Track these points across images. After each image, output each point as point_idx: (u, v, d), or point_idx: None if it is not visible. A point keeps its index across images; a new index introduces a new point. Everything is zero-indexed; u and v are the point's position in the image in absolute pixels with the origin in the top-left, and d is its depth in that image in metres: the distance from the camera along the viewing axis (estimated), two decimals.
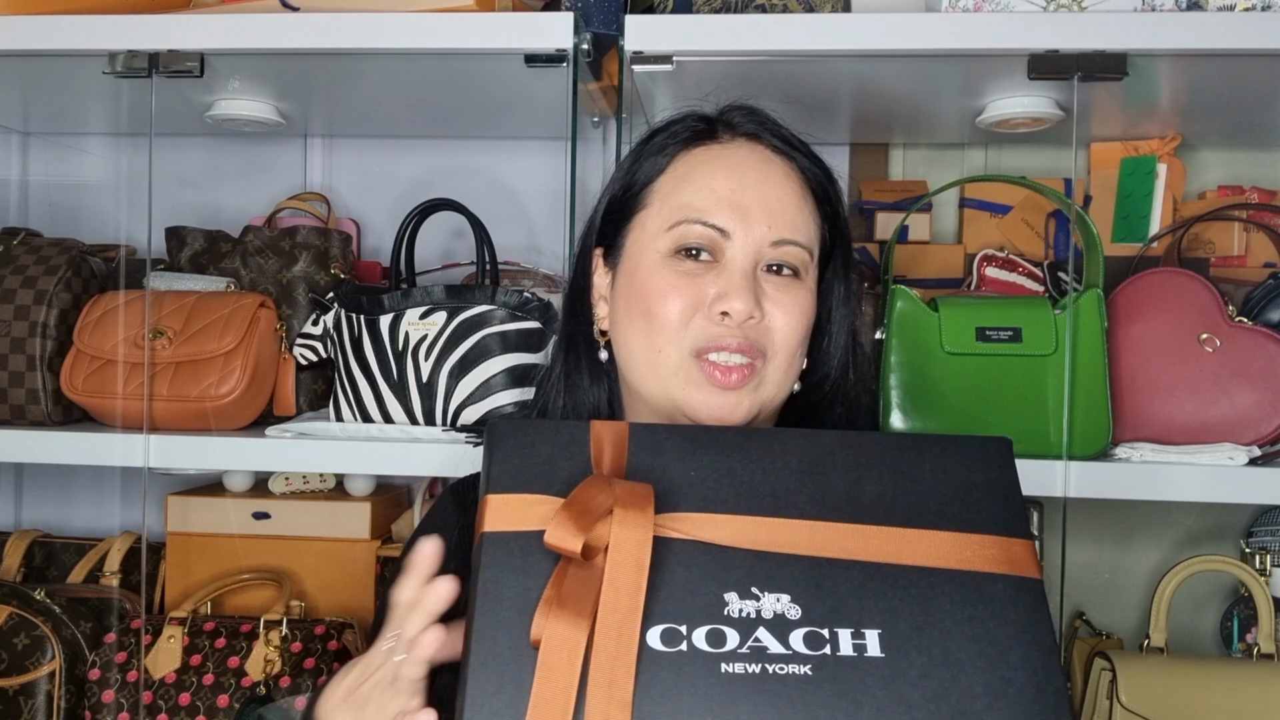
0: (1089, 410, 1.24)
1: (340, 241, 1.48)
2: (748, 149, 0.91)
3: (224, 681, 1.35)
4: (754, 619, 0.67)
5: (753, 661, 0.65)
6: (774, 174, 0.90)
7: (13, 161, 1.85)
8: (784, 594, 0.68)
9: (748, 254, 0.87)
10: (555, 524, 0.66)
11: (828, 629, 0.67)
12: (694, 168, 0.90)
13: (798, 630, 0.66)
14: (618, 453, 0.73)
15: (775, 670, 0.64)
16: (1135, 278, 1.32)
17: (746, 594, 0.68)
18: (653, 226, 0.90)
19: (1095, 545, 1.62)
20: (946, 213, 1.67)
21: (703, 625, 0.66)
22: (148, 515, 1.42)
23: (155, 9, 1.31)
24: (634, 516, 0.67)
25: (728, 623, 0.66)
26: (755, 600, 0.67)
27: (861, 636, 0.66)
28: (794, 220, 0.88)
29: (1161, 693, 1.22)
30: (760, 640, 0.66)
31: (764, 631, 0.66)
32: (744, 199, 0.87)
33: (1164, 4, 1.20)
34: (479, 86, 1.43)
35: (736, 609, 0.67)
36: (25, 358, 1.37)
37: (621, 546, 0.66)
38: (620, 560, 0.66)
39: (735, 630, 0.66)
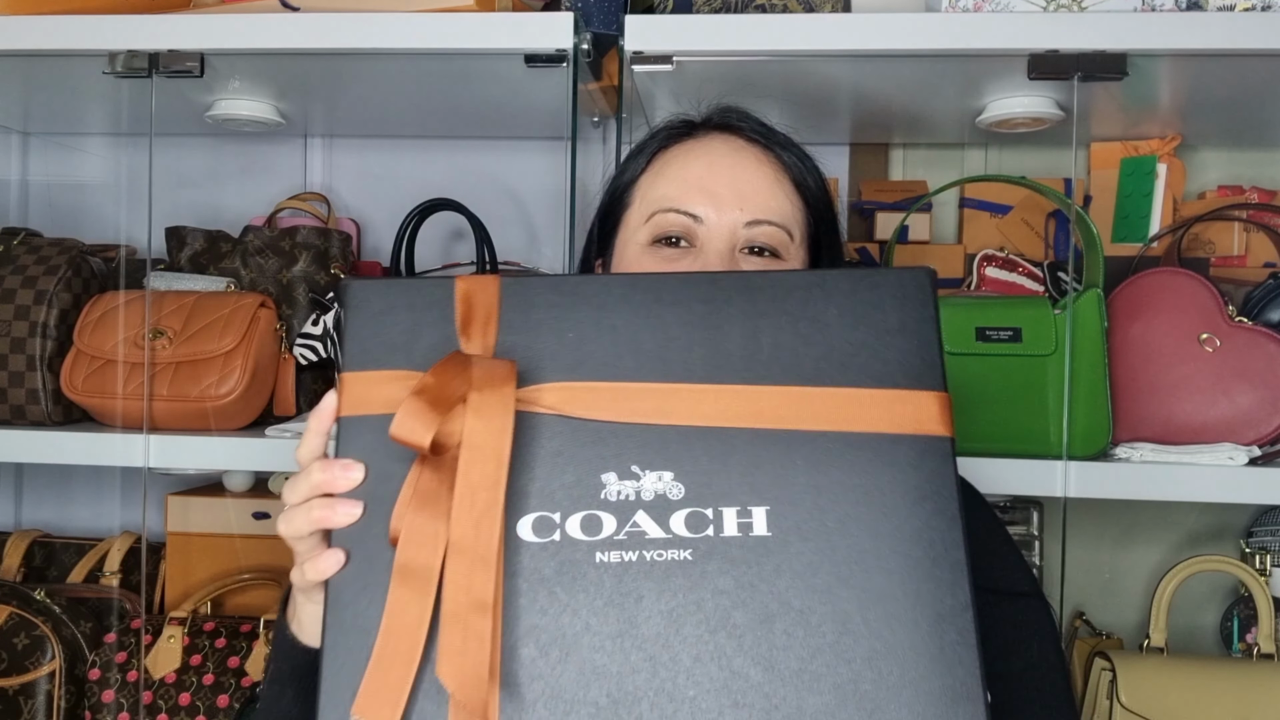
0: (1089, 410, 1.24)
1: (340, 241, 1.48)
2: (720, 140, 0.93)
3: (224, 681, 1.35)
4: (633, 501, 0.62)
5: (629, 549, 0.61)
6: (746, 159, 0.91)
7: (13, 161, 1.85)
8: (667, 471, 0.63)
9: (722, 236, 0.88)
10: (402, 414, 0.60)
11: (711, 508, 0.62)
12: (668, 163, 0.93)
13: (679, 511, 0.62)
14: (487, 314, 0.66)
15: (654, 556, 0.61)
16: (1135, 278, 1.32)
17: (626, 473, 0.63)
18: (634, 222, 0.92)
19: (1095, 545, 1.62)
20: (946, 213, 1.67)
21: (577, 512, 0.62)
22: (148, 515, 1.42)
23: (155, 9, 1.31)
24: (491, 401, 0.61)
25: (604, 507, 0.62)
26: (635, 480, 0.63)
27: (748, 515, 0.62)
28: (767, 202, 0.89)
29: (1161, 693, 1.22)
30: (639, 524, 0.62)
31: (643, 515, 0.62)
32: (715, 184, 0.89)
33: (1164, 4, 1.20)
34: (479, 86, 1.43)
35: (615, 491, 0.63)
36: (25, 358, 1.37)
37: (476, 438, 0.60)
38: (475, 454, 0.60)
39: (612, 515, 0.62)
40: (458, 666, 0.56)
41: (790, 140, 0.94)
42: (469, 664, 0.56)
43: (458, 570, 0.58)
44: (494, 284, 0.67)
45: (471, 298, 0.66)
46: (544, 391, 0.64)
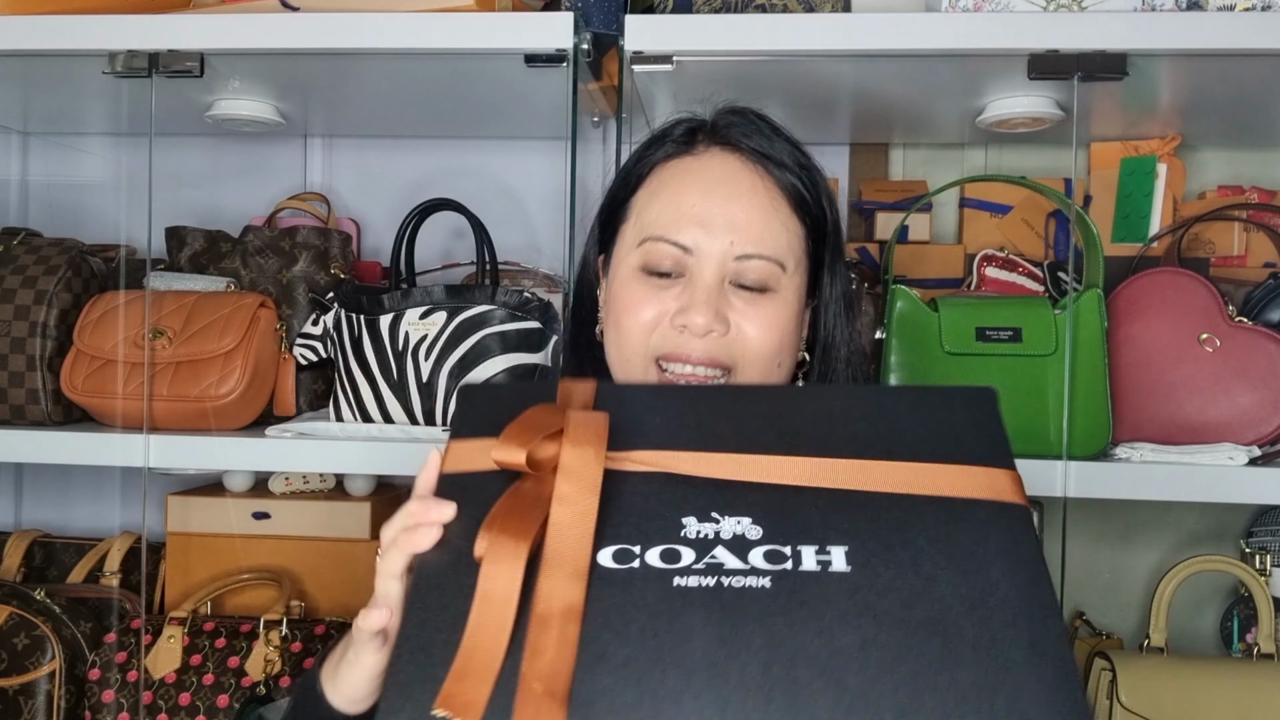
0: (1089, 410, 1.24)
1: (340, 241, 1.48)
2: (719, 160, 0.91)
3: (224, 681, 1.35)
4: (712, 539, 0.63)
5: (708, 575, 0.61)
6: (741, 187, 0.89)
7: (13, 161, 1.85)
8: (745, 517, 0.64)
9: (711, 269, 0.87)
10: (502, 440, 0.65)
11: (790, 546, 0.62)
12: (664, 182, 0.91)
13: (758, 548, 0.62)
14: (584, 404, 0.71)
15: (731, 584, 0.60)
16: (1135, 278, 1.32)
17: (705, 518, 0.64)
18: (629, 241, 0.91)
19: (1095, 545, 1.62)
20: (946, 213, 1.67)
21: (658, 545, 0.63)
22: (148, 515, 1.42)
23: (155, 9, 1.31)
24: (585, 434, 0.65)
25: (684, 543, 0.63)
26: (714, 523, 0.64)
27: (826, 553, 0.62)
28: (760, 234, 0.88)
29: (1161, 693, 1.22)
30: (717, 557, 0.62)
31: (722, 549, 0.62)
32: (708, 214, 0.88)
33: (1164, 4, 1.20)
34: (479, 86, 1.43)
35: (694, 530, 0.64)
36: (25, 358, 1.37)
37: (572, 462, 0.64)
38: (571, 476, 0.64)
39: (691, 549, 0.63)
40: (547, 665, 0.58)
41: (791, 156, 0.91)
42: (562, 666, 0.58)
43: (550, 580, 0.61)
44: (591, 385, 0.73)
45: (570, 394, 0.72)
46: (630, 455, 0.67)
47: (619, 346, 0.90)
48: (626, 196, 0.94)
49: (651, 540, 0.63)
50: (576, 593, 0.61)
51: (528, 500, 0.64)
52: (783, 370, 0.90)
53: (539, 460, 0.65)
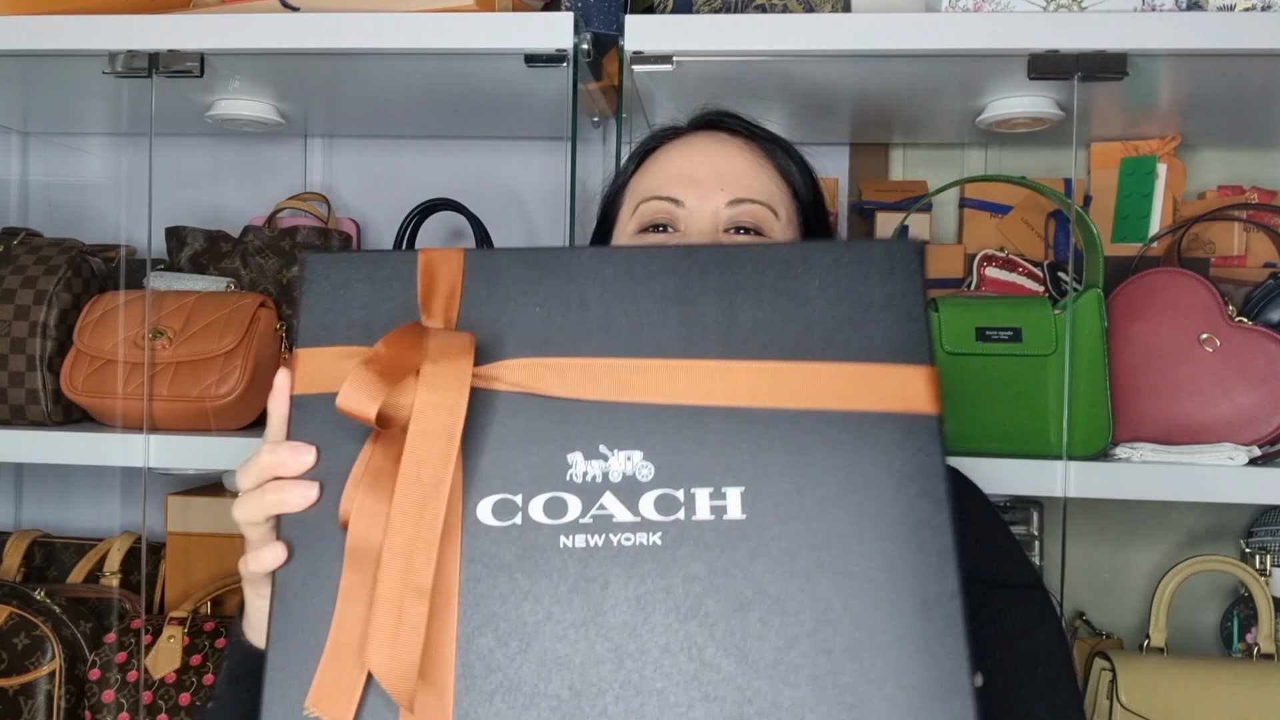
0: (1089, 410, 1.24)
1: (340, 241, 1.48)
2: (703, 135, 0.96)
3: None
4: (600, 483, 0.59)
5: (595, 533, 0.58)
6: (727, 147, 0.93)
7: (13, 161, 1.85)
8: (636, 450, 0.59)
9: (705, 218, 0.89)
10: (348, 385, 0.57)
11: (683, 490, 0.58)
12: (653, 162, 0.96)
13: (649, 493, 0.58)
14: (450, 289, 0.63)
15: (621, 541, 0.57)
16: (1135, 278, 1.32)
17: (593, 453, 0.59)
18: (623, 219, 0.95)
19: (1095, 545, 1.62)
20: (946, 213, 1.67)
21: (541, 494, 0.58)
22: (148, 515, 1.42)
23: (155, 9, 1.31)
24: (445, 373, 0.57)
25: (569, 489, 0.59)
26: (603, 460, 0.59)
27: (721, 496, 0.58)
28: (750, 182, 0.90)
29: (1161, 693, 1.22)
30: (605, 507, 0.58)
31: (610, 497, 0.58)
32: (696, 170, 0.91)
33: (1164, 4, 1.20)
34: (479, 86, 1.43)
35: (581, 471, 0.59)
36: (25, 358, 1.37)
37: (427, 412, 0.57)
38: (423, 427, 0.56)
39: (578, 497, 0.58)
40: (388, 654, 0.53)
41: (776, 136, 0.96)
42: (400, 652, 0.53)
43: (395, 551, 0.55)
44: (458, 256, 0.64)
45: (434, 270, 0.63)
46: (506, 368, 0.60)
47: None
48: (618, 191, 0.98)
49: (535, 486, 0.59)
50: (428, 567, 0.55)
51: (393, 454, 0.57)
52: None
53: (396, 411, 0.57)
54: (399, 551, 0.55)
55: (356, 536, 0.56)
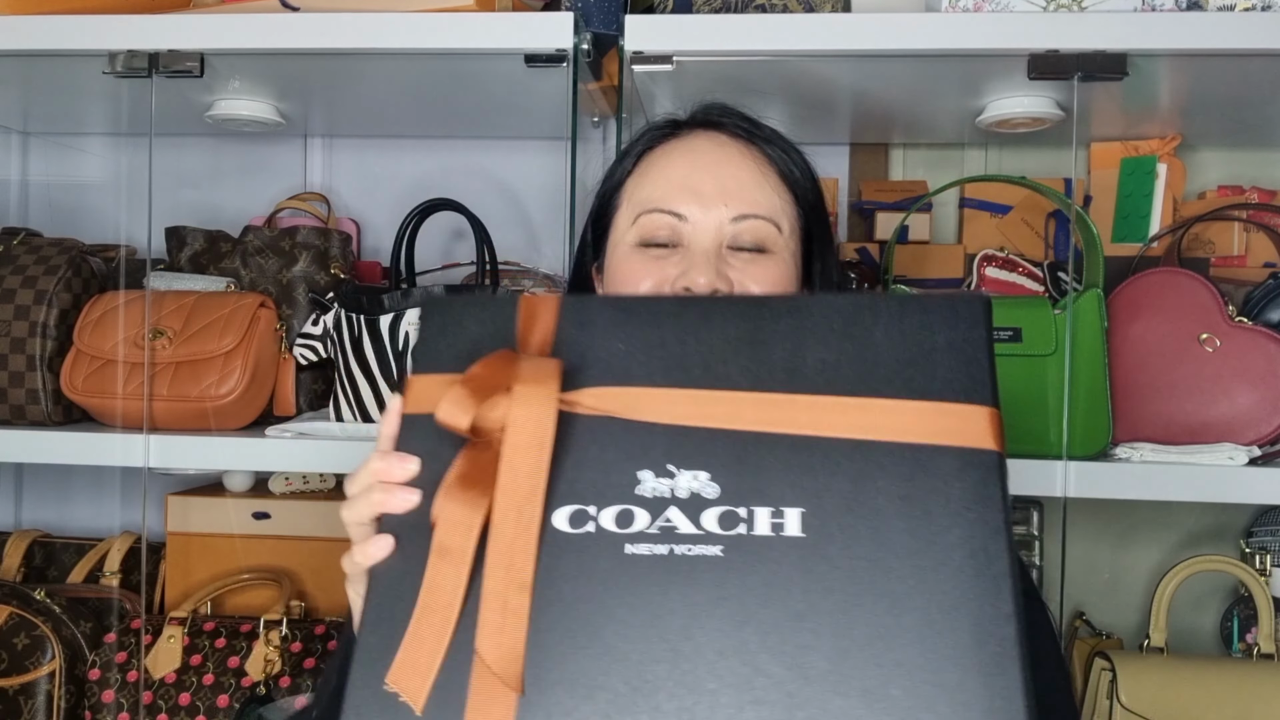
0: (1089, 410, 1.24)
1: (340, 241, 1.48)
2: (705, 137, 0.93)
3: (224, 681, 1.35)
4: (667, 498, 0.62)
5: (659, 542, 0.61)
6: (729, 155, 0.91)
7: (13, 161, 1.85)
8: (702, 471, 0.63)
9: (708, 233, 0.88)
10: (446, 401, 0.63)
11: (745, 507, 0.61)
12: (653, 163, 0.93)
13: (712, 509, 0.62)
14: (545, 327, 0.69)
15: (683, 551, 0.61)
16: (1135, 278, 1.32)
17: (662, 471, 0.63)
18: (622, 225, 0.93)
19: (1095, 545, 1.62)
20: (946, 213, 1.67)
21: (612, 506, 0.62)
22: (148, 515, 1.42)
23: (155, 9, 1.31)
24: (534, 392, 0.63)
25: (638, 502, 0.62)
26: (670, 478, 0.63)
27: (781, 515, 0.61)
28: (753, 196, 0.89)
29: (1161, 693, 1.22)
30: (670, 520, 0.62)
31: (675, 511, 0.62)
32: (698, 182, 0.89)
33: (1164, 4, 1.20)
34: (479, 86, 1.43)
35: (650, 488, 0.63)
36: (25, 358, 1.37)
37: (519, 424, 0.62)
38: (518, 439, 0.62)
39: (645, 510, 0.62)
40: (496, 642, 0.58)
41: (777, 134, 0.94)
42: (507, 640, 0.58)
43: (499, 551, 0.60)
44: (554, 300, 0.70)
45: (532, 310, 0.70)
46: (587, 394, 0.65)
47: None
48: (615, 189, 0.95)
49: (607, 498, 0.63)
50: (527, 565, 0.60)
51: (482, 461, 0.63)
52: None
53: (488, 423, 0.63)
54: (501, 551, 0.60)
55: (443, 534, 0.61)
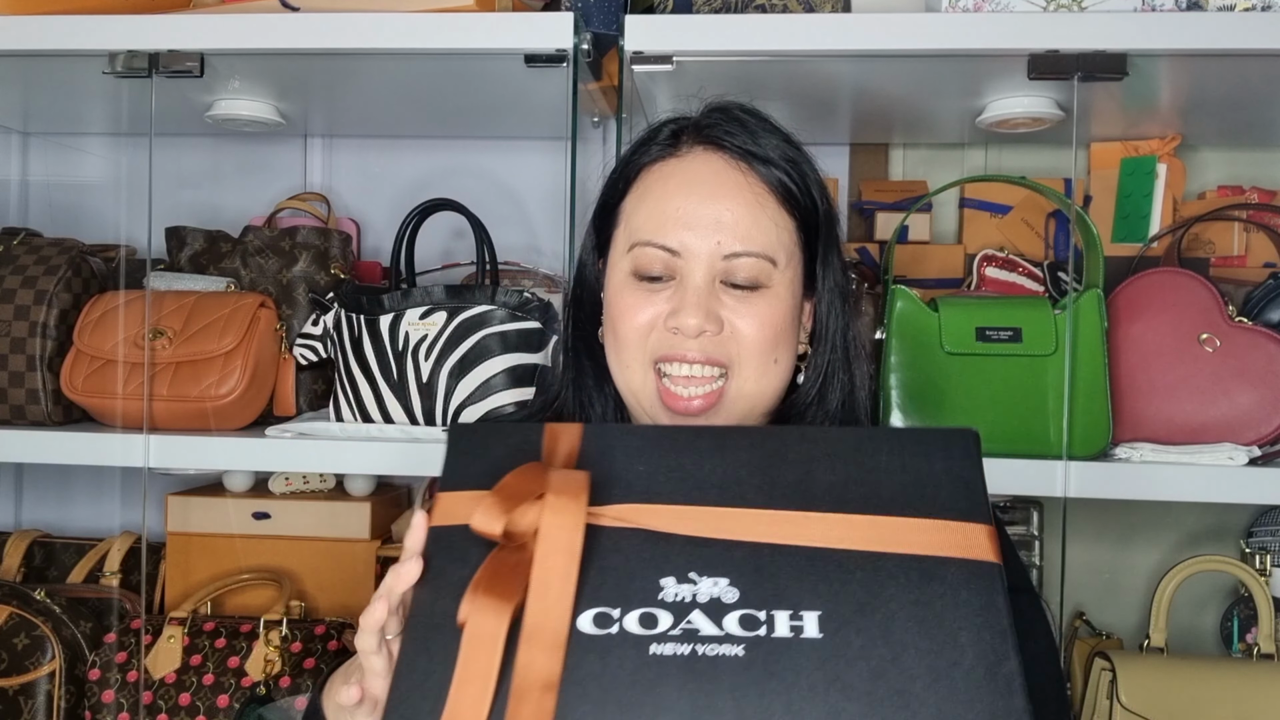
0: (1089, 410, 1.24)
1: (340, 241, 1.48)
2: (702, 161, 0.90)
3: (224, 681, 1.35)
4: (689, 603, 0.65)
5: (683, 643, 0.63)
6: (725, 185, 0.89)
7: (13, 161, 1.85)
8: (722, 578, 0.66)
9: (700, 270, 0.87)
10: (481, 509, 0.67)
11: (764, 611, 0.64)
12: (650, 186, 0.91)
13: (733, 613, 0.64)
14: (569, 450, 0.74)
15: (705, 652, 0.63)
16: (1135, 278, 1.32)
17: (684, 579, 0.66)
18: (620, 247, 0.91)
19: (1095, 545, 1.62)
20: (946, 213, 1.67)
21: (636, 609, 0.65)
22: (148, 515, 1.42)
23: (155, 9, 1.31)
24: (565, 502, 0.67)
25: (661, 606, 0.65)
26: (692, 585, 0.66)
27: (799, 618, 0.64)
28: (747, 231, 0.87)
29: (1161, 693, 1.22)
30: (693, 623, 0.64)
31: (698, 614, 0.65)
32: (693, 216, 0.87)
33: (1164, 4, 1.20)
34: (479, 86, 1.43)
35: (672, 593, 0.66)
36: (25, 358, 1.37)
37: (552, 531, 0.66)
38: (551, 545, 0.66)
39: (669, 613, 0.65)
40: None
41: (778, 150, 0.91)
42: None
43: (530, 652, 0.63)
44: (578, 428, 0.76)
45: (557, 436, 0.75)
46: (611, 510, 0.70)
47: (617, 352, 0.90)
48: (617, 201, 0.94)
49: (630, 603, 0.66)
50: (554, 665, 0.62)
51: (510, 564, 0.66)
52: (780, 366, 0.90)
53: (519, 529, 0.67)
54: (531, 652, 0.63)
55: (474, 628, 0.64)
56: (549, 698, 0.61)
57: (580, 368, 0.97)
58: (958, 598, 0.65)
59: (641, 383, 0.89)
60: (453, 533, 0.70)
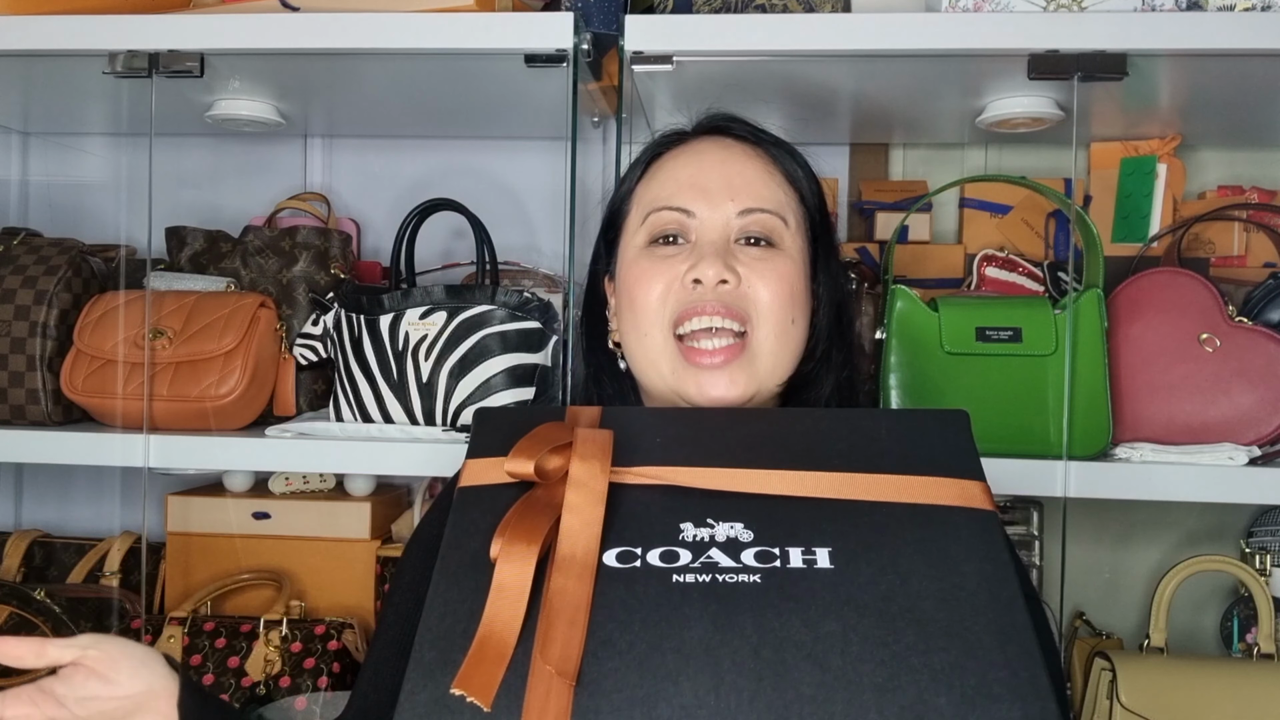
0: (1089, 410, 1.24)
1: (340, 241, 1.48)
2: (710, 141, 0.95)
3: (224, 681, 1.35)
4: (707, 542, 0.70)
5: (703, 573, 0.67)
6: (735, 155, 0.93)
7: (13, 161, 1.85)
8: (737, 522, 0.71)
9: (715, 227, 0.89)
10: (513, 454, 0.72)
11: (779, 547, 0.69)
12: (661, 168, 0.95)
13: (750, 549, 0.69)
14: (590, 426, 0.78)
15: (725, 580, 0.67)
16: (1135, 278, 1.32)
17: (701, 523, 0.71)
18: (632, 228, 0.94)
19: (1095, 545, 1.62)
20: (946, 213, 1.67)
21: (657, 547, 0.69)
22: (148, 515, 1.42)
23: (155, 9, 1.31)
24: (591, 449, 0.73)
25: (681, 545, 0.69)
26: (709, 528, 0.70)
27: (812, 553, 0.68)
28: (759, 191, 0.91)
29: (1161, 693, 1.22)
30: (712, 557, 0.68)
31: (716, 551, 0.69)
32: (705, 179, 0.91)
33: (1164, 4, 1.20)
34: (479, 86, 1.43)
35: (691, 534, 0.70)
36: (25, 358, 1.37)
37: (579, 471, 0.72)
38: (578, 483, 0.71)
39: (688, 550, 0.69)
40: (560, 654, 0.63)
41: (780, 140, 0.96)
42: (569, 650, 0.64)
43: (561, 578, 0.67)
44: (597, 411, 0.81)
45: (577, 417, 0.79)
46: (631, 472, 0.74)
47: (635, 324, 0.91)
48: (625, 197, 0.97)
49: (652, 543, 0.70)
50: (585, 588, 0.66)
51: (538, 507, 0.70)
52: (796, 328, 0.91)
53: (547, 470, 0.72)
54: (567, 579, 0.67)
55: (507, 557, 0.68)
56: (581, 616, 0.65)
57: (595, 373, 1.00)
58: (959, 537, 0.70)
59: (662, 348, 0.89)
60: (480, 490, 0.74)
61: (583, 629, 0.64)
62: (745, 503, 0.72)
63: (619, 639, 0.64)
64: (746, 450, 0.75)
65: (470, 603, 0.67)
